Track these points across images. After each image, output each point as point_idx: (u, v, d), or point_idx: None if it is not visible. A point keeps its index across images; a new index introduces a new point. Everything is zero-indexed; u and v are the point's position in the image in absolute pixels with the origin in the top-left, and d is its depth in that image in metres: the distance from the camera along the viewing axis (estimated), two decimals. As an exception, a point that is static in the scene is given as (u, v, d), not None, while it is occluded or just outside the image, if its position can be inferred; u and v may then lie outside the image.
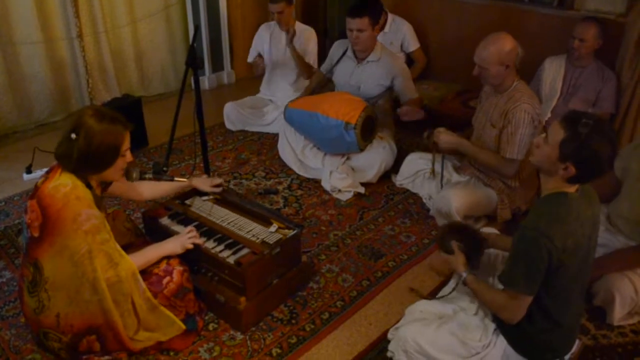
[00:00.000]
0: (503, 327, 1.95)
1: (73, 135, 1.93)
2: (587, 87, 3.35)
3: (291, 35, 3.94)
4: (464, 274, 2.04)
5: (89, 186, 2.04)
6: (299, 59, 4.01)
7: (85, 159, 1.95)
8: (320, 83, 3.86)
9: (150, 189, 2.59)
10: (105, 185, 2.24)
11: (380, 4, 4.14)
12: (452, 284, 2.29)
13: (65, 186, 1.95)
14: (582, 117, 1.70)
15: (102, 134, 1.94)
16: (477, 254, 2.19)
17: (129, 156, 2.08)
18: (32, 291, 2.04)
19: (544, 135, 1.83)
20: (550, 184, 1.82)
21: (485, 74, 2.74)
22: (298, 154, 3.60)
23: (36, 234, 1.98)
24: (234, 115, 4.24)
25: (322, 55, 4.19)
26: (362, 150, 3.40)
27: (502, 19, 3.95)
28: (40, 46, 4.05)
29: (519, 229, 1.80)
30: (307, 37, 4.10)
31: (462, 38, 4.20)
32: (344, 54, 3.61)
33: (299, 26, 4.14)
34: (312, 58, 4.13)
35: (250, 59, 4.28)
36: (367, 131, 3.35)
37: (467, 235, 2.23)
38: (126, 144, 2.04)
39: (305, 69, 4.08)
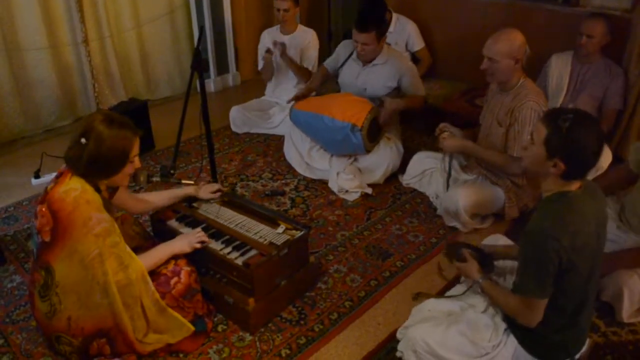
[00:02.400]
0: (514, 327, 1.93)
1: (83, 140, 1.95)
2: (595, 84, 3.34)
3: (282, 49, 3.96)
4: (480, 281, 2.02)
5: (98, 190, 2.05)
6: (295, 67, 4.04)
7: (95, 164, 1.97)
8: (323, 79, 3.84)
9: (156, 197, 2.60)
10: (113, 190, 2.25)
11: (385, 5, 4.14)
12: (461, 286, 2.27)
13: (75, 190, 1.97)
14: (562, 113, 1.72)
15: (111, 139, 1.96)
16: (489, 259, 2.16)
17: (137, 162, 2.09)
18: (43, 295, 2.06)
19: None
20: (548, 185, 1.81)
21: (493, 67, 2.72)
22: (304, 156, 3.61)
23: (47, 239, 1.99)
24: (240, 118, 4.25)
25: (326, 55, 4.19)
26: (368, 151, 3.39)
27: (507, 16, 3.94)
28: (46, 52, 4.08)
29: (523, 234, 1.78)
30: (307, 41, 4.10)
31: (467, 36, 4.19)
32: (350, 55, 3.61)
33: (300, 29, 4.15)
34: (311, 63, 4.15)
35: (260, 66, 4.29)
36: (374, 133, 3.35)
37: (473, 247, 2.21)
38: (135, 150, 2.05)
39: (302, 75, 4.10)
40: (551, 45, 3.58)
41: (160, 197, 2.62)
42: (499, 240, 2.40)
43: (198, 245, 2.30)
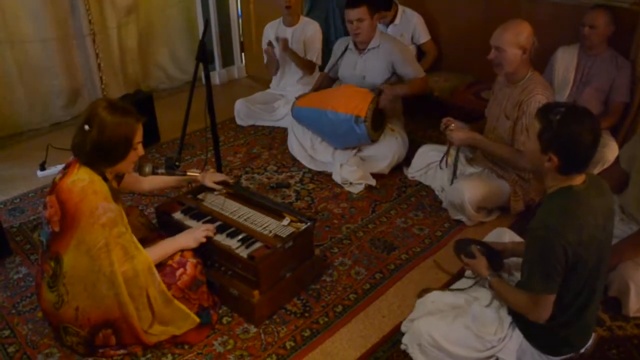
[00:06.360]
0: (519, 321, 1.93)
1: (86, 127, 1.96)
2: (601, 76, 3.31)
3: (283, 44, 3.95)
4: (489, 277, 2.01)
5: (105, 179, 2.06)
6: (298, 60, 4.03)
7: (98, 151, 1.98)
8: (324, 83, 3.84)
9: (149, 181, 2.58)
10: (120, 178, 2.26)
11: None
12: (466, 280, 2.26)
13: (83, 181, 1.98)
14: (554, 107, 1.73)
15: (114, 126, 1.96)
16: (497, 256, 2.15)
17: (140, 149, 2.10)
18: (52, 286, 2.07)
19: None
20: (550, 181, 1.80)
21: (500, 57, 2.70)
22: (308, 149, 3.60)
23: (56, 229, 2.01)
24: (244, 111, 4.25)
25: (327, 47, 4.18)
26: (374, 141, 3.38)
27: (513, 9, 3.90)
28: (52, 44, 4.08)
29: (528, 231, 1.77)
30: (311, 33, 4.09)
31: (473, 29, 4.15)
32: (346, 49, 3.61)
33: (303, 20, 4.13)
34: (315, 54, 4.13)
35: (266, 60, 4.28)
36: (377, 122, 3.34)
37: (482, 244, 2.21)
38: (138, 137, 2.05)
39: (305, 67, 4.10)
40: (557, 38, 3.55)
41: (165, 179, 2.61)
42: (504, 233, 2.39)
43: (204, 240, 2.30)
